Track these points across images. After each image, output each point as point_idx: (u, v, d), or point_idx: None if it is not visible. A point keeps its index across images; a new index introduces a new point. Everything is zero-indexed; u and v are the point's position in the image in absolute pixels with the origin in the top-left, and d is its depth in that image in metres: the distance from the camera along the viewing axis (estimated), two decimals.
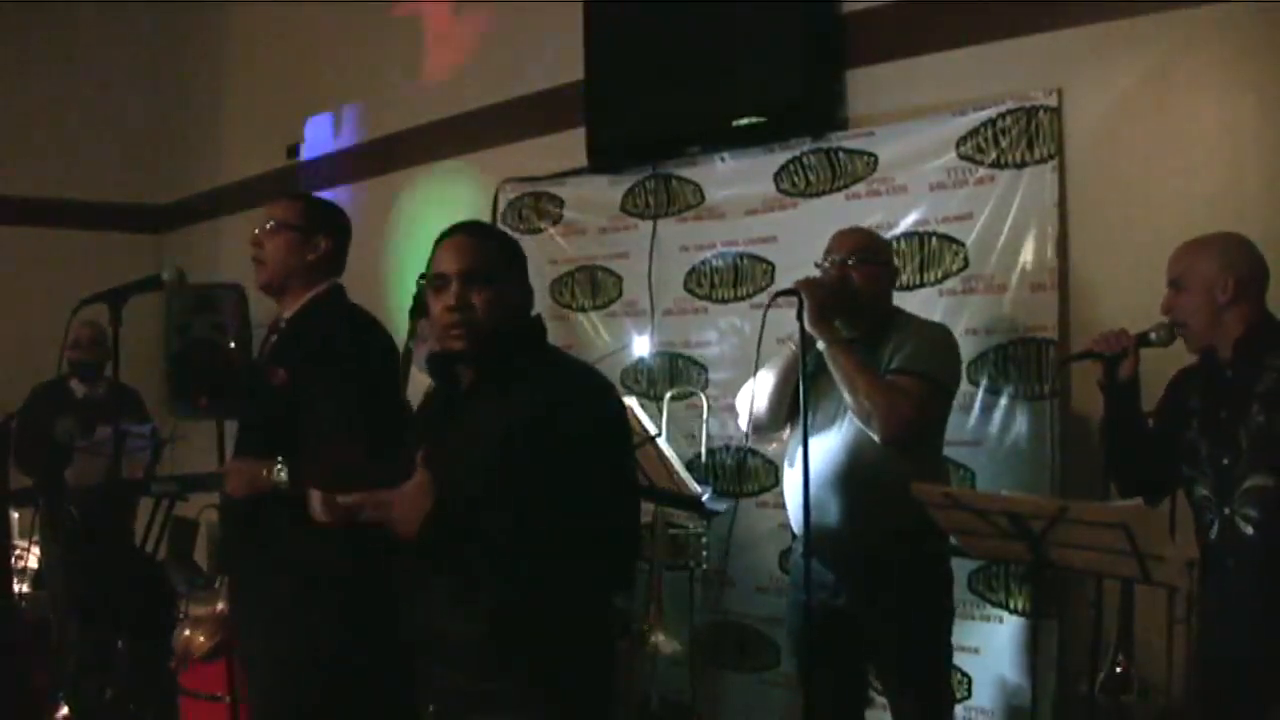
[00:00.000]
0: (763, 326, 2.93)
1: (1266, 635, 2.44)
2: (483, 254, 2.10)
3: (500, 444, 1.98)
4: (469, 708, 2.02)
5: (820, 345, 2.91)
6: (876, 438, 2.85)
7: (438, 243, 2.15)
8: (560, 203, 4.68)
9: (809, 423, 2.87)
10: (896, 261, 3.40)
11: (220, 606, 3.53)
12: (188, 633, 3.57)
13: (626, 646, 3.64)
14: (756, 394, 3.11)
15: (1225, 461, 2.51)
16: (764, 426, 3.17)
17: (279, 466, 2.67)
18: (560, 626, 1.99)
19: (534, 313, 2.21)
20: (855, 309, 2.98)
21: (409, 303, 3.50)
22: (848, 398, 2.87)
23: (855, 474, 2.92)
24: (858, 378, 2.85)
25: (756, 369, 3.09)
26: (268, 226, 2.86)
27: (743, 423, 3.19)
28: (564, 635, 2.00)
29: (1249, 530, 2.46)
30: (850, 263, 3.00)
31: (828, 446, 2.95)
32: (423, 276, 3.18)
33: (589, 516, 1.94)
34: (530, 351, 2.13)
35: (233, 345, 5.37)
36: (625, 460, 2.14)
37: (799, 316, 2.88)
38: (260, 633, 2.78)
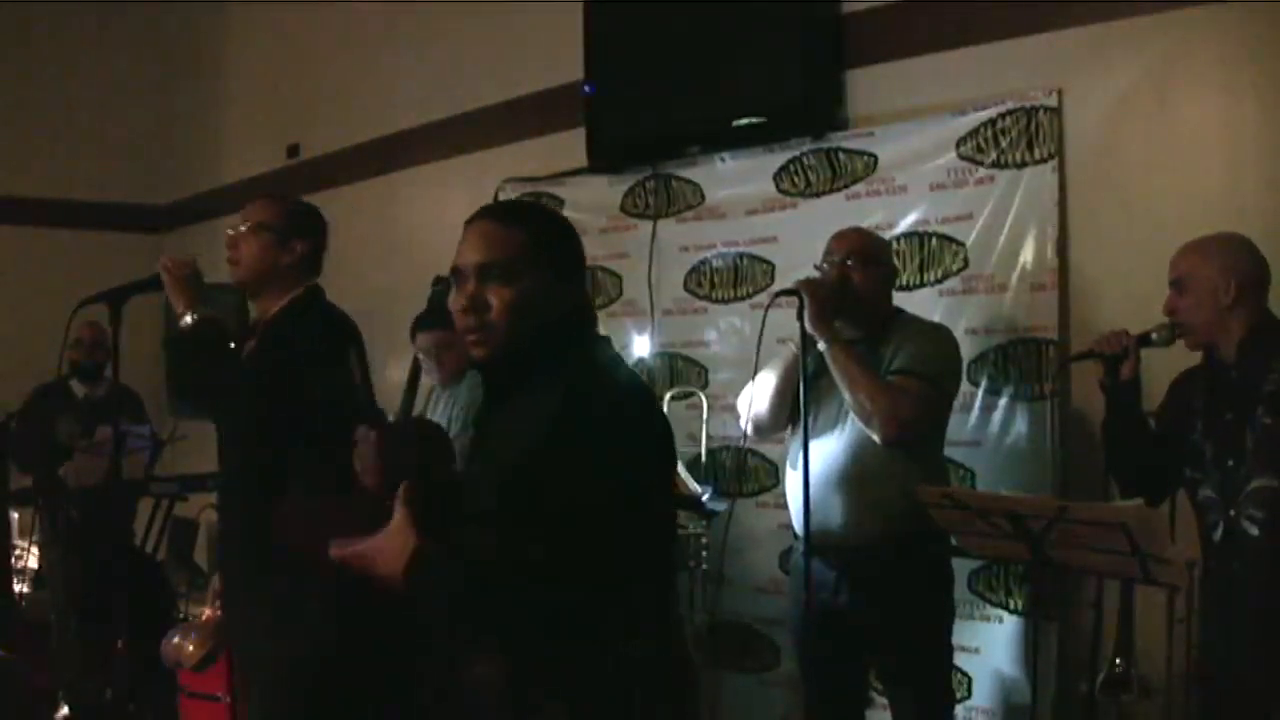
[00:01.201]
0: (763, 326, 2.93)
1: (1270, 637, 2.44)
2: (504, 245, 1.78)
3: (513, 458, 1.76)
4: None
5: (820, 345, 2.91)
6: (876, 439, 2.85)
7: (465, 225, 1.85)
8: (560, 203, 4.67)
9: (810, 424, 2.88)
10: (896, 261, 3.40)
11: (208, 613, 3.52)
12: (177, 640, 3.56)
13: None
14: (756, 395, 3.11)
15: (1230, 463, 2.51)
16: (765, 428, 3.17)
17: (190, 315, 2.76)
18: (577, 660, 1.74)
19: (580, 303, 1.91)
20: (855, 309, 2.98)
21: (411, 305, 3.52)
22: (848, 398, 2.87)
23: (857, 475, 2.91)
24: (858, 378, 2.85)
25: (756, 369, 3.09)
26: (243, 228, 2.85)
27: (744, 424, 3.19)
28: (583, 668, 1.75)
29: (1254, 532, 2.46)
30: (849, 263, 3.00)
31: (829, 448, 2.95)
32: (437, 280, 3.17)
33: (603, 544, 1.69)
34: (559, 353, 1.82)
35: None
36: (648, 478, 1.82)
37: (799, 317, 2.88)
38: (257, 633, 2.77)
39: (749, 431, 3.18)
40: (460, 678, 1.85)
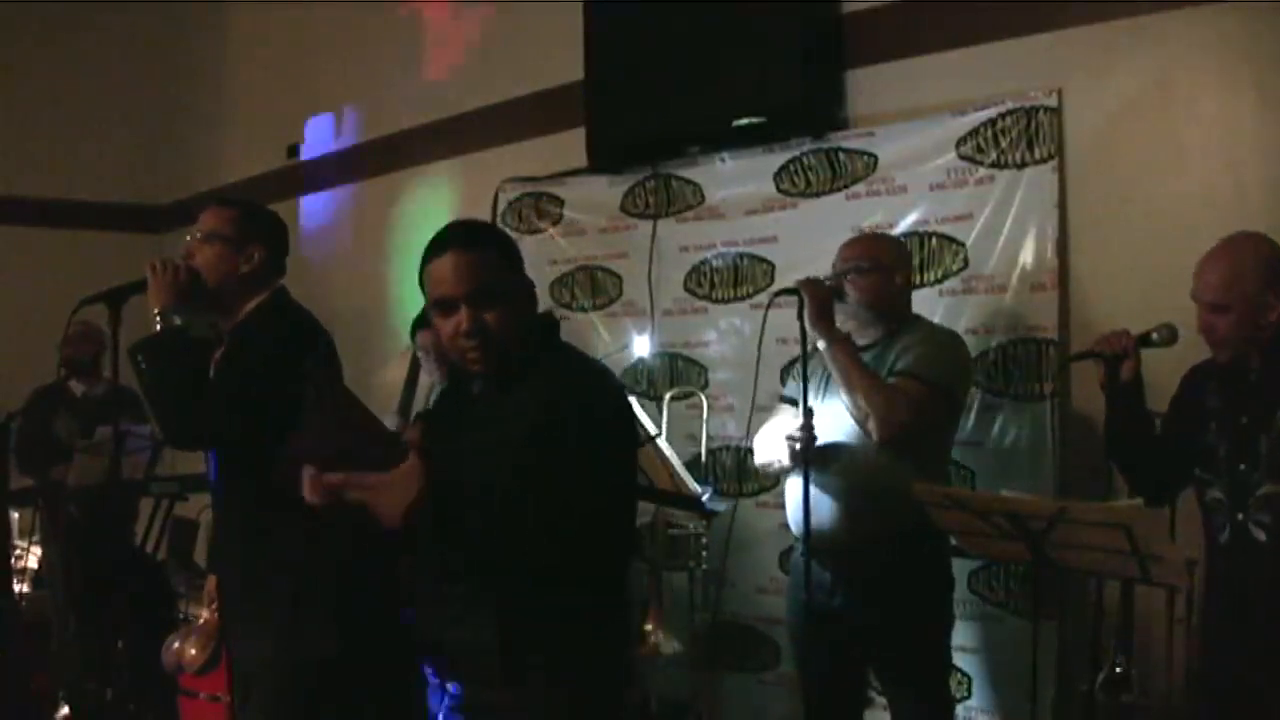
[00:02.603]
0: (763, 326, 2.94)
1: (1273, 642, 2.44)
2: (485, 269, 1.96)
3: (503, 445, 1.92)
4: (479, 715, 1.97)
5: (820, 345, 2.91)
6: (872, 438, 2.85)
7: (431, 256, 1.99)
8: (560, 203, 4.68)
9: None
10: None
11: (205, 615, 3.51)
12: (178, 645, 3.56)
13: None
14: (763, 450, 3.10)
15: (1242, 467, 2.50)
16: (774, 474, 3.18)
17: (160, 321, 2.69)
18: (568, 633, 1.92)
19: (542, 308, 2.12)
20: (856, 316, 2.97)
21: (411, 304, 3.53)
22: (845, 398, 2.87)
23: (854, 476, 2.91)
24: (856, 378, 2.85)
25: (757, 369, 3.08)
26: (198, 236, 2.80)
27: (761, 458, 3.16)
28: (573, 642, 1.93)
29: (1261, 537, 2.45)
30: (845, 271, 2.99)
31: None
32: None
33: (584, 519, 1.86)
34: (539, 350, 2.03)
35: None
36: (624, 461, 2.03)
37: (800, 316, 2.88)
38: (255, 637, 2.76)
39: (760, 466, 3.19)
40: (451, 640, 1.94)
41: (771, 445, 3.06)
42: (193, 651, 3.50)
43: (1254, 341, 2.53)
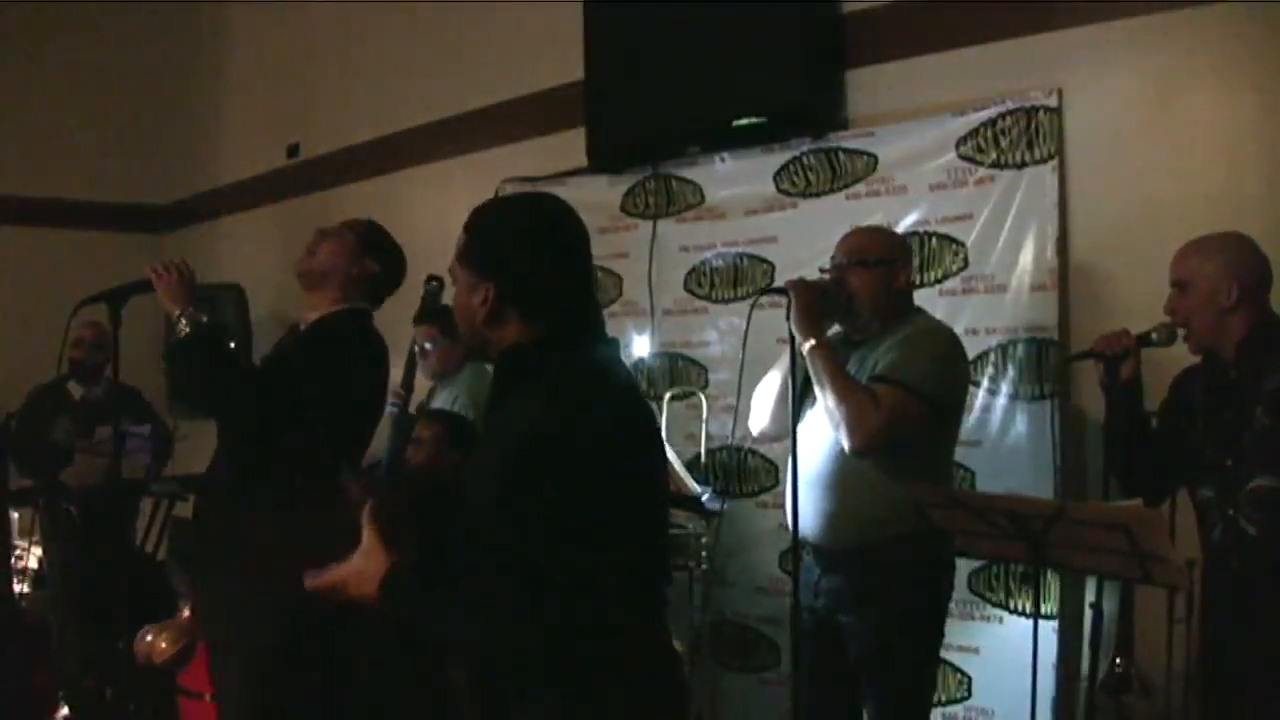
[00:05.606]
0: (748, 323, 2.94)
1: (1269, 636, 2.44)
2: (459, 247, 1.85)
3: (498, 465, 1.71)
4: None
5: (803, 347, 2.85)
6: (845, 446, 2.76)
7: None
8: None
9: (799, 422, 2.86)
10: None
11: (187, 612, 3.51)
12: (150, 637, 3.55)
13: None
14: (758, 401, 3.08)
15: (1229, 463, 2.51)
16: (768, 434, 3.14)
17: (185, 319, 2.76)
18: (552, 681, 1.71)
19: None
20: (851, 312, 2.93)
21: (412, 304, 3.53)
22: (821, 402, 2.82)
23: (836, 479, 2.84)
24: (829, 384, 2.77)
25: (743, 366, 3.04)
26: (333, 228, 2.98)
27: (752, 425, 3.12)
28: (558, 690, 1.72)
29: (1252, 531, 2.45)
30: (845, 264, 2.95)
31: (815, 450, 2.89)
32: (430, 278, 3.18)
33: (581, 554, 1.65)
34: (545, 357, 1.79)
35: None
36: (635, 480, 1.77)
37: (788, 316, 2.86)
38: (233, 624, 2.78)
39: (754, 434, 3.17)
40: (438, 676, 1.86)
41: (764, 405, 3.06)
42: (162, 645, 3.48)
43: (1223, 332, 2.57)
